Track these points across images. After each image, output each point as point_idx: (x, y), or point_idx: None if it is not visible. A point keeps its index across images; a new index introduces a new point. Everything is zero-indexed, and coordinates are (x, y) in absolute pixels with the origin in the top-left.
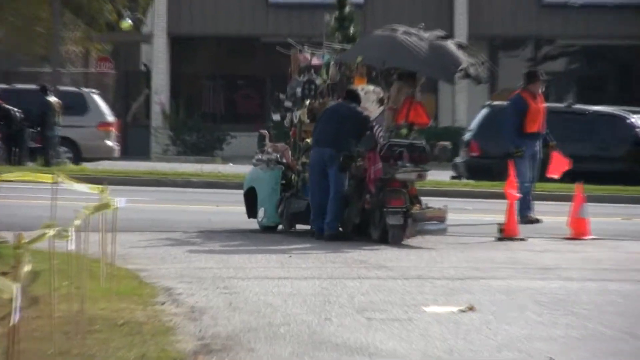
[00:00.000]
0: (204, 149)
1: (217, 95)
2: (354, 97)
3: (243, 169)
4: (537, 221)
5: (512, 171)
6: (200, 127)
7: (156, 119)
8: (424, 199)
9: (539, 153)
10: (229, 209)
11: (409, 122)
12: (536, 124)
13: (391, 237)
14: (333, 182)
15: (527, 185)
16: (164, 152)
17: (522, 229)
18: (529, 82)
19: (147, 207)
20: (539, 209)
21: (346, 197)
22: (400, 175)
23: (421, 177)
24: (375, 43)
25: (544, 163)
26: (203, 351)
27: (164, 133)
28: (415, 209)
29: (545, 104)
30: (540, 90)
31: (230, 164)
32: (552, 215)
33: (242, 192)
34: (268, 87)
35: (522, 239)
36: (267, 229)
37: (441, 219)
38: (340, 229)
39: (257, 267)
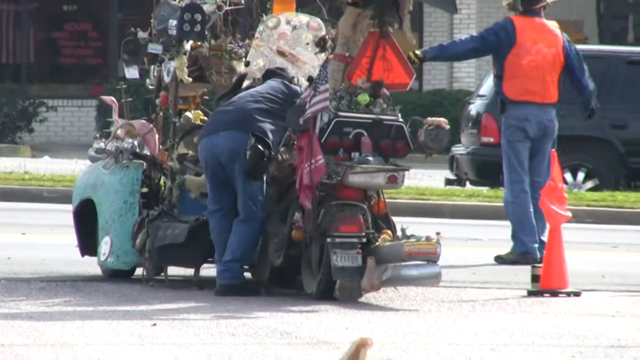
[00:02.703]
0: None
1: (22, 33)
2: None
3: (70, 167)
4: None
5: (555, 168)
6: None
7: None
8: (399, 222)
9: None
10: (45, 240)
11: (374, 82)
12: None
13: (340, 289)
14: (240, 194)
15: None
16: None
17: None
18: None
19: None
20: None
21: (262, 221)
22: (356, 178)
23: (395, 180)
24: None
25: None
26: None
27: None
28: (384, 240)
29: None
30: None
31: (46, 157)
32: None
33: (69, 208)
34: (116, 18)
35: (572, 293)
36: (115, 275)
37: (431, 257)
38: (249, 275)
39: (97, 343)
